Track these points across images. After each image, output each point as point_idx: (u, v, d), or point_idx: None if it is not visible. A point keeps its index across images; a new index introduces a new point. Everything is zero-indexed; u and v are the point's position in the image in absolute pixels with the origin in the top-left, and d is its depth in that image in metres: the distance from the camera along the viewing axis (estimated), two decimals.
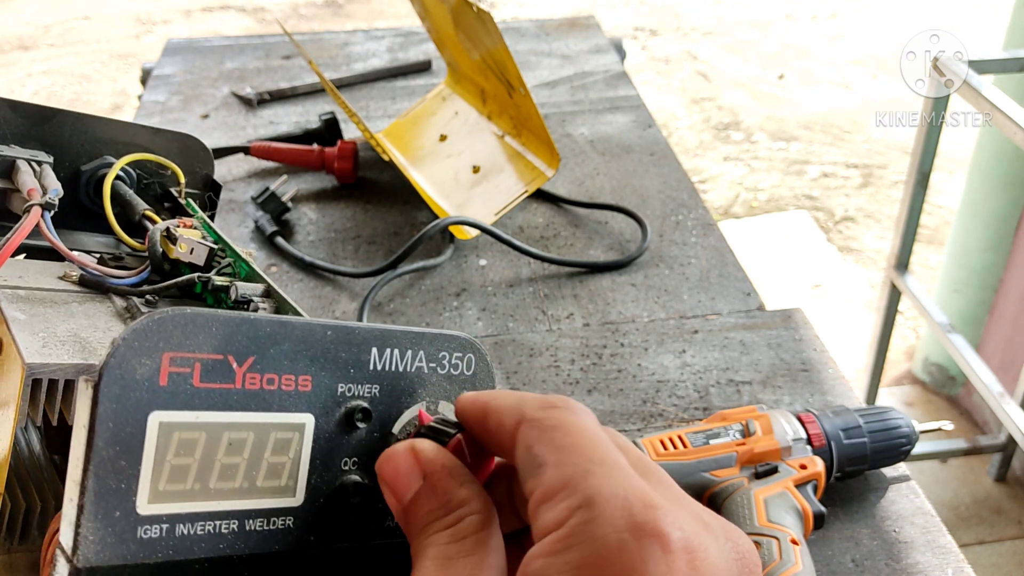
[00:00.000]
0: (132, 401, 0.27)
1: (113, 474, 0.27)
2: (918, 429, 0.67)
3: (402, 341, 0.34)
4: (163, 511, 0.28)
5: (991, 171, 1.67)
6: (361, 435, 0.33)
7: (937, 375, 1.96)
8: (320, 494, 0.32)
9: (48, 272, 0.45)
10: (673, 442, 0.63)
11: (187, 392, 0.28)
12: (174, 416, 0.28)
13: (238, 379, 0.29)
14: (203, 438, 0.29)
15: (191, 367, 0.28)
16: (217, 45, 1.37)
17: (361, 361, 0.33)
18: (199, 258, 0.46)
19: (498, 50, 0.86)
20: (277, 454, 0.31)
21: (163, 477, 0.28)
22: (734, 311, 0.84)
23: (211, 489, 0.29)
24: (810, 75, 3.37)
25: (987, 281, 1.76)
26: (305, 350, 0.31)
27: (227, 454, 0.29)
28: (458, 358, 0.36)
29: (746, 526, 0.58)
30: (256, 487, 0.30)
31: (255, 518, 0.30)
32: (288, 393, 0.31)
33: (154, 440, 0.28)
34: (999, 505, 1.71)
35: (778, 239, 2.50)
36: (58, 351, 0.37)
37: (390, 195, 1.01)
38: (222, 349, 0.29)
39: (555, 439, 0.28)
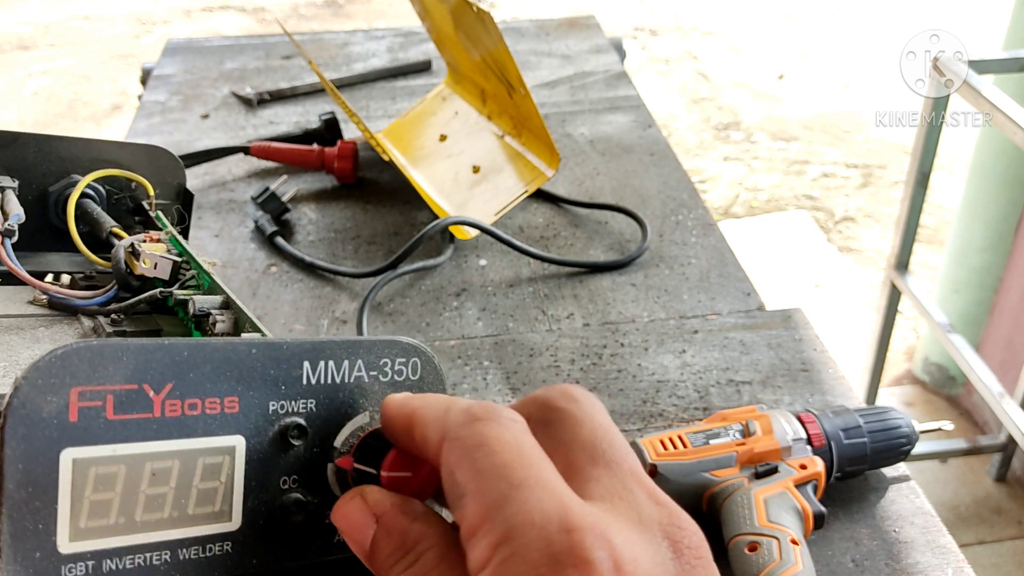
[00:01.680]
0: (41, 440, 0.26)
1: (29, 515, 0.26)
2: (918, 429, 0.67)
3: (336, 352, 0.33)
4: (87, 548, 0.27)
5: (991, 171, 1.67)
6: (299, 452, 0.32)
7: (937, 375, 1.96)
8: (259, 516, 0.31)
9: (18, 297, 0.45)
10: (673, 442, 0.63)
11: (101, 425, 0.27)
12: (88, 451, 0.27)
13: (156, 407, 0.29)
14: (123, 471, 0.28)
15: (103, 400, 0.28)
16: (217, 45, 1.37)
17: (292, 377, 0.32)
18: (163, 272, 0.45)
19: (498, 50, 0.86)
20: (207, 480, 0.30)
21: (83, 514, 0.27)
22: (734, 311, 0.84)
23: (137, 522, 0.29)
24: (810, 75, 3.37)
25: (987, 281, 1.76)
26: (229, 371, 0.30)
27: (151, 485, 0.29)
28: (402, 363, 0.35)
29: (746, 526, 0.58)
30: (188, 515, 0.30)
31: (189, 547, 0.30)
32: (214, 416, 0.30)
33: (69, 477, 0.27)
34: (999, 505, 1.71)
35: (778, 239, 2.49)
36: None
37: (390, 195, 1.01)
38: (136, 378, 0.28)
39: (476, 461, 0.26)
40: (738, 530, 0.58)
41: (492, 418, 0.28)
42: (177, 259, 0.46)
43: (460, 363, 0.78)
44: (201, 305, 0.42)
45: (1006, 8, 1.54)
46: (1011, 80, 1.43)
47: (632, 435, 0.71)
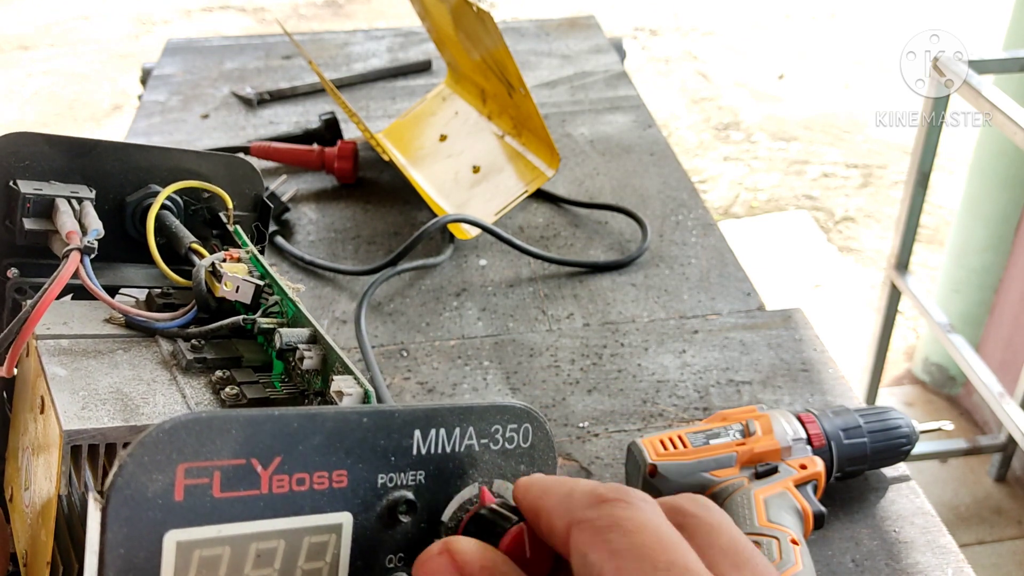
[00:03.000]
0: (145, 522, 0.25)
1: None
2: (918, 429, 0.67)
3: (448, 419, 0.30)
4: None
5: (991, 171, 1.67)
6: (407, 528, 0.30)
7: (937, 375, 1.96)
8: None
9: (94, 315, 0.43)
10: (673, 442, 0.63)
11: (207, 504, 0.26)
12: (193, 533, 0.25)
13: (264, 483, 0.27)
14: (227, 553, 0.26)
15: (210, 476, 0.26)
16: (217, 45, 1.37)
17: (403, 447, 0.29)
18: (245, 296, 0.44)
19: (498, 50, 0.86)
20: (312, 560, 0.28)
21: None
22: (734, 311, 0.84)
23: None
24: (810, 75, 3.37)
25: (987, 281, 1.76)
26: (339, 442, 0.28)
27: (256, 567, 0.27)
28: (513, 430, 0.32)
29: (746, 526, 0.58)
30: None
31: None
32: (322, 492, 0.28)
33: (172, 562, 0.25)
34: (999, 505, 1.71)
35: (778, 239, 2.49)
36: (98, 412, 0.35)
37: (390, 195, 1.01)
38: (244, 453, 0.26)
39: (611, 542, 0.25)
40: None
41: (623, 499, 0.26)
42: (260, 283, 0.44)
43: (460, 363, 0.78)
44: (288, 339, 0.40)
45: (1006, 8, 1.54)
46: (1011, 80, 1.43)
47: (632, 435, 0.71)
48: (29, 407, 0.39)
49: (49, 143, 0.46)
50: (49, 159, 0.46)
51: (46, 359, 0.38)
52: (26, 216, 0.44)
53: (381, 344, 0.80)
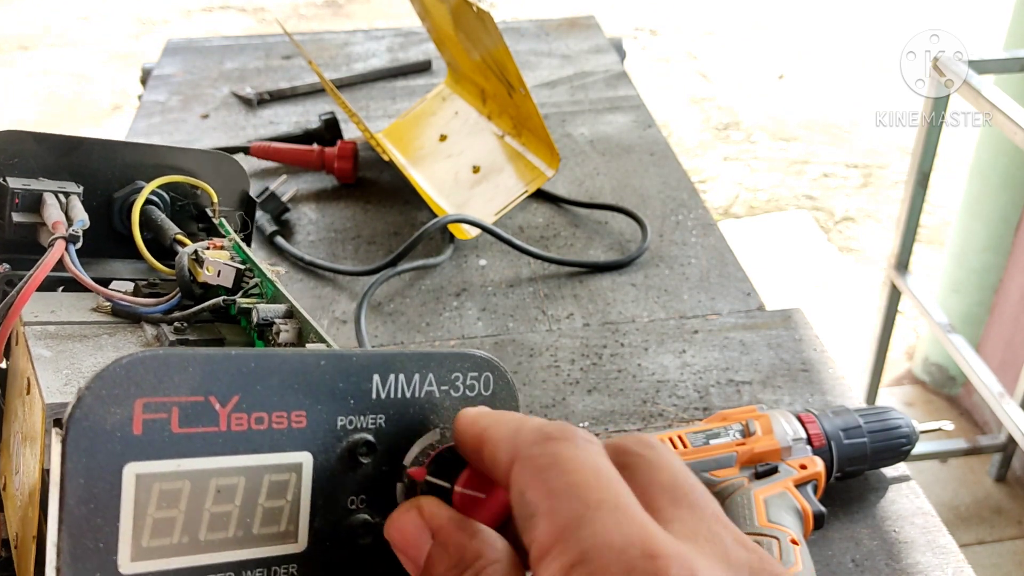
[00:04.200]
0: (104, 454, 0.25)
1: (89, 533, 0.25)
2: (918, 429, 0.67)
3: (407, 365, 0.31)
4: (149, 568, 0.26)
5: (991, 171, 1.67)
6: (367, 470, 0.30)
7: (937, 375, 1.96)
8: (326, 537, 0.30)
9: (82, 304, 0.44)
10: (673, 442, 0.63)
11: (165, 439, 0.26)
12: (152, 466, 0.26)
13: (222, 421, 0.27)
14: (187, 487, 0.27)
15: (168, 412, 0.26)
16: (217, 45, 1.37)
17: (362, 390, 0.30)
18: (227, 280, 0.45)
19: (498, 50, 0.86)
20: (273, 498, 0.28)
21: (145, 532, 0.26)
22: (734, 311, 0.84)
23: (201, 541, 0.27)
24: (810, 75, 3.37)
25: (987, 281, 1.76)
26: (297, 383, 0.29)
27: (216, 502, 0.27)
28: (474, 378, 0.33)
29: (746, 526, 0.58)
30: (252, 535, 0.28)
31: (253, 568, 0.28)
32: (281, 431, 0.28)
33: (132, 494, 0.26)
34: (999, 505, 1.71)
35: (778, 239, 2.49)
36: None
37: (390, 195, 1.01)
38: (202, 390, 0.27)
39: (548, 481, 0.25)
40: None
41: (566, 437, 0.26)
42: (240, 267, 0.45)
43: None
44: (264, 314, 0.41)
45: (1006, 8, 1.54)
46: (1011, 80, 1.43)
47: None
48: (18, 393, 0.40)
49: (36, 140, 0.47)
50: (37, 156, 0.47)
51: (32, 342, 0.39)
52: (15, 211, 0.45)
53: (381, 344, 0.80)
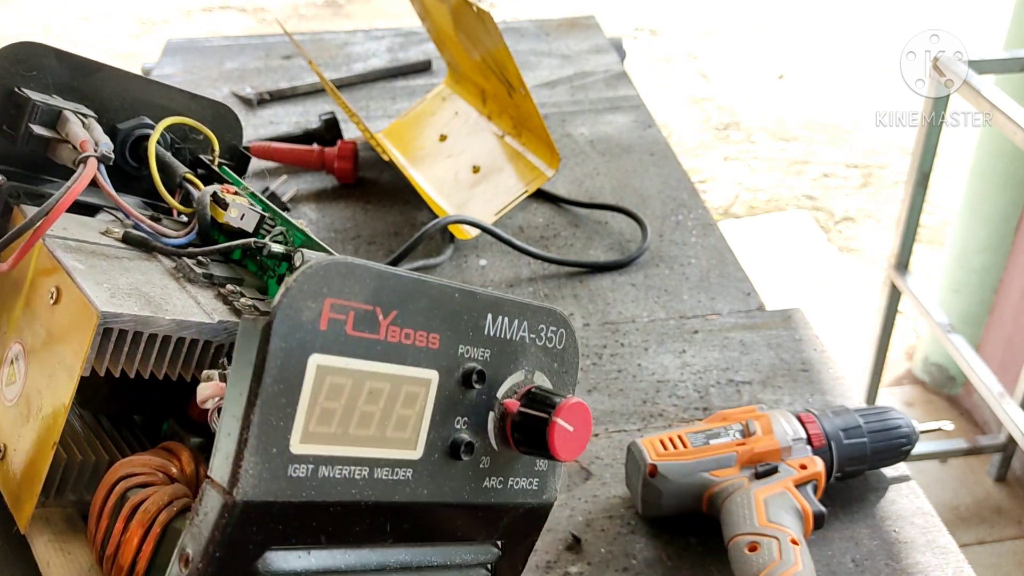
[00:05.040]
0: (297, 342, 0.27)
1: (275, 411, 0.27)
2: (918, 429, 0.67)
3: (511, 310, 0.34)
4: (311, 451, 0.28)
5: (991, 171, 1.67)
6: (472, 396, 0.33)
7: (937, 375, 1.95)
8: (436, 450, 0.32)
9: (89, 227, 0.44)
10: (673, 442, 0.63)
11: (341, 339, 0.29)
12: (329, 360, 0.28)
13: (382, 331, 0.30)
14: (349, 384, 0.29)
15: (346, 315, 0.29)
16: (217, 45, 1.37)
17: (478, 325, 0.33)
18: (249, 224, 0.46)
19: (498, 50, 0.86)
20: (406, 406, 0.31)
21: (314, 418, 0.28)
22: (734, 311, 0.84)
23: (349, 435, 0.30)
24: (810, 75, 3.37)
25: (987, 281, 1.76)
26: (437, 310, 0.31)
27: (366, 402, 0.30)
28: (553, 332, 0.36)
29: (746, 526, 0.58)
30: (386, 437, 0.31)
31: (382, 467, 0.31)
32: (420, 349, 0.31)
33: (311, 381, 0.28)
34: (999, 505, 1.71)
35: (778, 239, 2.49)
36: (126, 302, 0.37)
37: (390, 195, 1.01)
38: (373, 300, 0.29)
39: None
40: (738, 530, 0.58)
41: None
42: (263, 213, 0.46)
43: None
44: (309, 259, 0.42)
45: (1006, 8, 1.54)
46: (1011, 80, 1.43)
47: (632, 435, 0.71)
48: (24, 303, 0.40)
49: (59, 58, 0.47)
50: (54, 74, 0.47)
51: (60, 254, 0.38)
52: (33, 122, 0.45)
53: None
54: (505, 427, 0.34)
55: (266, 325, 0.27)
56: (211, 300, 0.42)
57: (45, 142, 0.46)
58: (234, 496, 0.26)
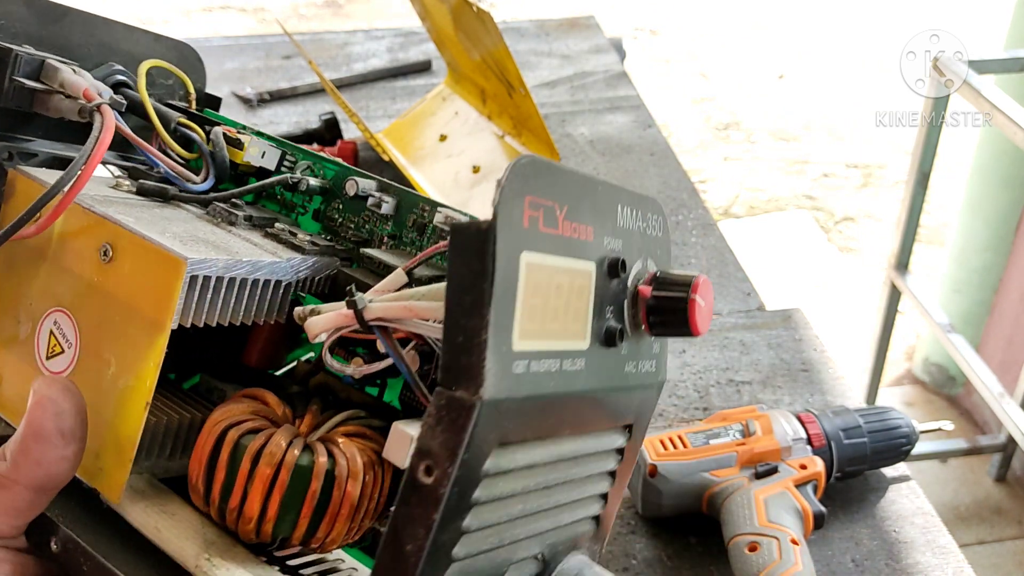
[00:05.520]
0: (511, 241, 0.27)
1: (503, 311, 0.27)
2: (918, 429, 0.67)
3: (631, 200, 0.35)
4: (526, 348, 0.28)
5: (991, 171, 1.67)
6: (614, 286, 0.33)
7: (937, 375, 1.96)
8: (597, 339, 0.32)
9: (96, 183, 0.41)
10: (673, 442, 0.63)
11: (536, 235, 0.29)
12: (533, 257, 0.28)
13: (560, 226, 0.30)
14: (544, 279, 0.29)
15: (538, 212, 0.29)
16: (217, 45, 1.37)
17: (612, 216, 0.33)
18: (271, 161, 0.44)
19: (498, 50, 0.86)
20: (579, 299, 0.31)
21: (526, 315, 0.28)
22: (734, 311, 0.84)
23: (546, 329, 0.30)
24: (810, 75, 3.37)
25: (987, 281, 1.76)
26: (590, 203, 0.32)
27: (555, 296, 0.30)
28: (655, 220, 0.37)
29: (746, 526, 0.58)
30: (566, 329, 0.31)
31: (566, 359, 0.31)
32: (583, 242, 0.31)
33: (523, 279, 0.28)
34: (999, 505, 1.71)
35: (778, 239, 2.49)
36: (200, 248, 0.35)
37: None
38: (553, 197, 0.29)
39: None
40: (738, 530, 0.58)
41: None
42: (283, 150, 0.44)
43: None
44: (364, 187, 0.42)
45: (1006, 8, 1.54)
46: (1011, 80, 1.43)
47: None
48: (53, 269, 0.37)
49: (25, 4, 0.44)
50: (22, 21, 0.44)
51: (100, 209, 0.37)
52: (17, 75, 0.42)
53: None
54: (638, 312, 0.34)
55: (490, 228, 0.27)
56: (265, 241, 0.40)
57: (30, 95, 0.42)
58: (481, 396, 0.26)
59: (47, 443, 0.34)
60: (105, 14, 0.48)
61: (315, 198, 0.44)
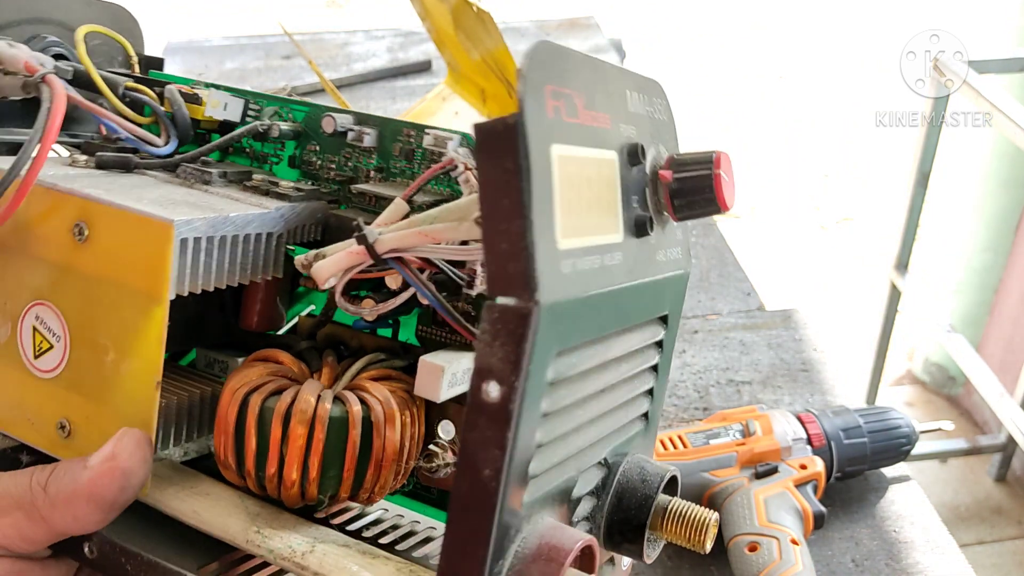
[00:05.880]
0: (540, 133, 0.26)
1: (543, 210, 0.25)
2: (918, 429, 0.67)
3: (639, 84, 0.34)
4: (569, 246, 0.27)
5: (991, 171, 1.67)
6: (634, 173, 0.32)
7: (937, 375, 1.95)
8: (629, 230, 0.31)
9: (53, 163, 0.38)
10: (673, 442, 0.63)
11: (561, 126, 0.27)
12: (563, 150, 0.27)
13: (581, 115, 0.28)
14: (575, 172, 0.27)
15: (559, 101, 0.27)
16: (217, 45, 1.37)
17: (625, 101, 0.32)
18: (234, 113, 0.41)
19: (498, 50, 0.86)
20: (608, 190, 0.30)
21: (565, 211, 0.27)
22: (734, 311, 0.84)
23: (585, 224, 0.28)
24: (810, 75, 3.37)
25: (987, 281, 1.76)
26: (603, 89, 0.30)
27: (587, 188, 0.28)
28: (660, 104, 0.35)
29: (746, 526, 0.58)
30: (603, 223, 0.29)
31: (605, 252, 0.29)
32: (602, 131, 0.30)
33: (557, 173, 0.26)
34: (999, 505, 1.71)
35: (778, 239, 2.50)
36: (180, 210, 0.33)
37: None
38: (571, 85, 0.28)
39: None
40: (738, 530, 0.58)
41: None
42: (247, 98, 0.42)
43: None
44: (342, 123, 0.40)
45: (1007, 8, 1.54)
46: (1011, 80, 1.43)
47: None
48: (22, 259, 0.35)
49: None
50: None
51: (65, 186, 0.34)
52: None
53: None
54: (661, 198, 0.33)
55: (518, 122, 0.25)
56: (245, 195, 0.38)
57: None
58: (537, 300, 0.25)
59: (98, 509, 0.32)
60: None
61: (288, 144, 0.41)
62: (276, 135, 0.40)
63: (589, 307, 0.28)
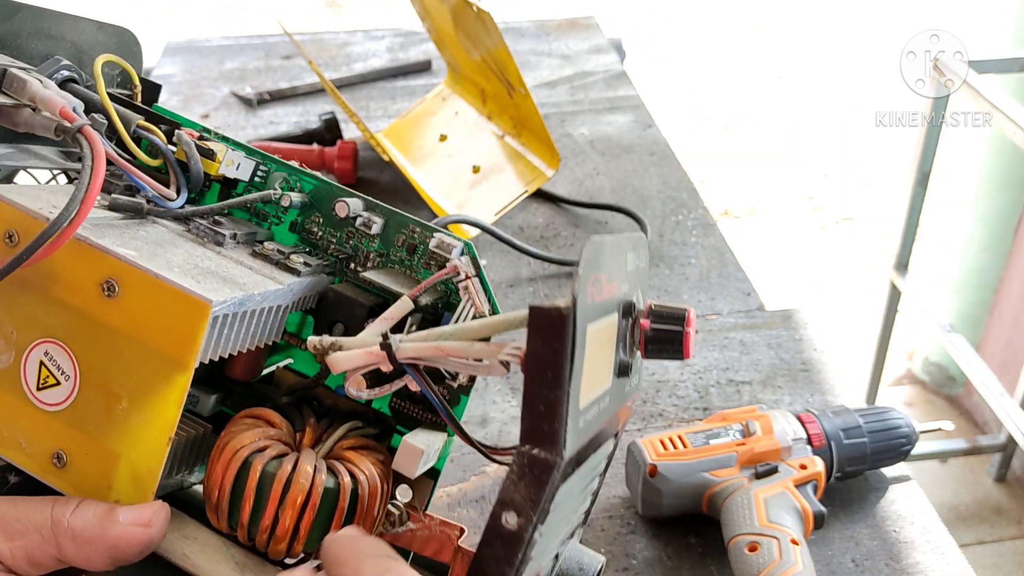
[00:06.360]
0: (582, 319, 0.30)
1: (575, 379, 0.30)
2: (918, 429, 0.67)
3: (632, 244, 0.38)
4: (585, 403, 0.32)
5: (991, 171, 1.67)
6: (625, 324, 0.36)
7: (937, 375, 1.96)
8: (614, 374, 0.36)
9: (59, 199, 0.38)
10: (673, 442, 0.63)
11: (594, 307, 0.32)
12: (592, 327, 0.31)
13: (604, 290, 0.33)
14: (596, 341, 0.32)
15: (595, 286, 0.32)
16: (217, 45, 1.37)
17: (624, 264, 0.36)
18: (245, 172, 0.42)
19: (498, 50, 0.86)
20: (610, 347, 0.34)
21: (587, 377, 0.31)
22: (734, 311, 0.84)
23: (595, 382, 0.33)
24: (810, 75, 3.37)
25: (987, 281, 1.76)
26: (611, 260, 0.34)
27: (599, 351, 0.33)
28: (643, 254, 0.40)
29: (746, 526, 0.58)
30: (604, 376, 0.34)
31: (602, 400, 0.34)
32: (614, 299, 0.34)
33: (588, 348, 0.31)
34: (999, 505, 1.71)
35: (778, 239, 2.49)
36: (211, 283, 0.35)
37: (390, 195, 1.01)
38: (602, 268, 0.32)
39: None
40: (738, 530, 0.58)
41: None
42: (258, 160, 0.43)
43: None
44: (355, 209, 0.42)
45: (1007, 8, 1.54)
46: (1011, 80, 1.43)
47: (632, 435, 0.71)
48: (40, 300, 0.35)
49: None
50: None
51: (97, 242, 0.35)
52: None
53: None
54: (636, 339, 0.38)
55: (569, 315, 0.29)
56: (257, 263, 0.39)
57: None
58: (562, 455, 0.30)
59: (112, 561, 0.34)
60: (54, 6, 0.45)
61: (291, 210, 0.43)
62: (287, 205, 0.42)
63: (587, 444, 0.33)
